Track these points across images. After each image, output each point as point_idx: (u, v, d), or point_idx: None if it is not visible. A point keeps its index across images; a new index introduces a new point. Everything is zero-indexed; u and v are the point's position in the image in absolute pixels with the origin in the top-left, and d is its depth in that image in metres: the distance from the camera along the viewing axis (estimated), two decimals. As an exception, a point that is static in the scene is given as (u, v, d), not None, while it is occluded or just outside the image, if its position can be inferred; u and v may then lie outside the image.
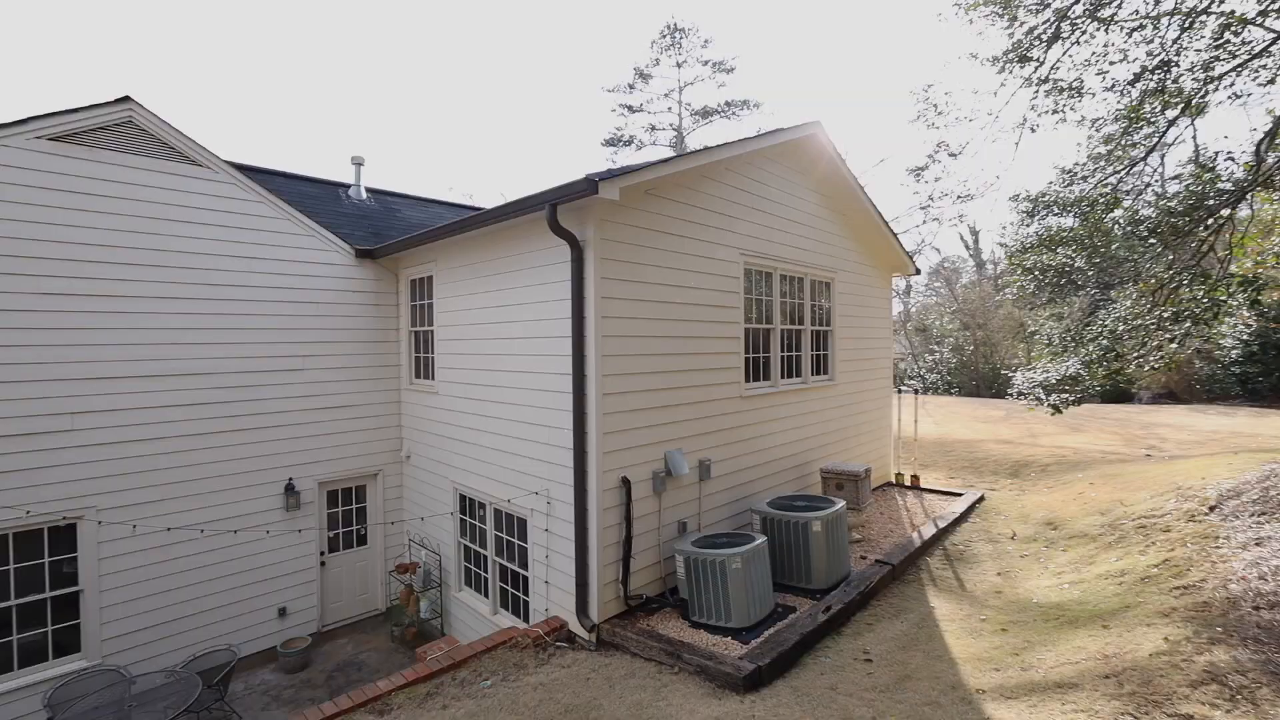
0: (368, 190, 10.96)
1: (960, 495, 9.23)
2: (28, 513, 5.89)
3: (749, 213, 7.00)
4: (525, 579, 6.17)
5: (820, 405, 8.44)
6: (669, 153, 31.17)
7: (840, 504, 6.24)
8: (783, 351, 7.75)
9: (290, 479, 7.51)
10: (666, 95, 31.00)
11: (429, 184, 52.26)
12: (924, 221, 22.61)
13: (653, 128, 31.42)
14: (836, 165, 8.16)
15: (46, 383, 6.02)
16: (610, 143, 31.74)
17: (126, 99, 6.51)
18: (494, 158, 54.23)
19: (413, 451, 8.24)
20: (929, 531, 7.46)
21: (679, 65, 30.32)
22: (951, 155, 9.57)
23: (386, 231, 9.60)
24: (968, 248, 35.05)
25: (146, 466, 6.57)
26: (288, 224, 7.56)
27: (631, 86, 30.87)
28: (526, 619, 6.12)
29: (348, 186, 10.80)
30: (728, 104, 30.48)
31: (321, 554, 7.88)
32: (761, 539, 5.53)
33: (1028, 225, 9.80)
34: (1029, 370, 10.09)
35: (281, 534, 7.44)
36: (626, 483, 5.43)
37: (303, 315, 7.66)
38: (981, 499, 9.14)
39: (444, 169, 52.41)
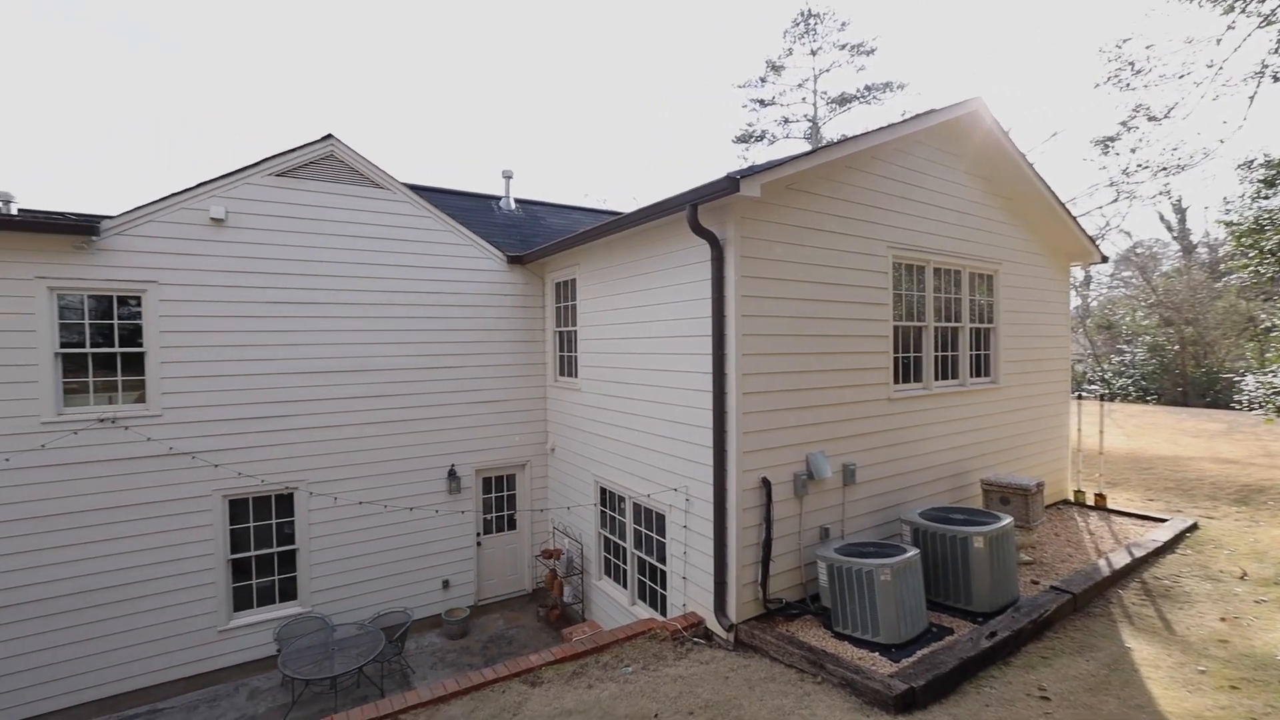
0: (515, 201, 11.87)
1: (1163, 521, 7.83)
2: (262, 481, 7.20)
3: (899, 203, 6.52)
4: (663, 573, 6.30)
5: (981, 410, 7.63)
6: (803, 145, 30.03)
7: (1006, 520, 5.59)
8: (936, 351, 7.13)
9: (452, 465, 8.37)
10: (800, 85, 29.85)
11: (563, 190, 55.34)
12: (1114, 199, 19.22)
13: (785, 120, 30.43)
14: (1001, 144, 7.32)
15: (273, 376, 7.30)
16: (741, 139, 31.26)
17: (329, 137, 7.66)
18: (624, 162, 56.01)
19: (557, 445, 8.78)
20: (1121, 560, 6.42)
21: (813, 53, 29.05)
22: (1153, 119, 8.11)
23: (532, 238, 10.33)
24: (1170, 229, 29.45)
25: (341, 449, 7.70)
26: (451, 235, 8.43)
27: (763, 80, 30.15)
28: (664, 612, 6.25)
29: (498, 198, 11.79)
30: (868, 88, 28.60)
31: (478, 535, 8.69)
32: (913, 551, 5.13)
33: (1266, 197, 8.00)
34: (1266, 374, 8.25)
35: (446, 514, 8.34)
36: (766, 483, 5.33)
37: (462, 317, 8.51)
38: (1193, 527, 7.67)
39: (578, 175, 55.19)
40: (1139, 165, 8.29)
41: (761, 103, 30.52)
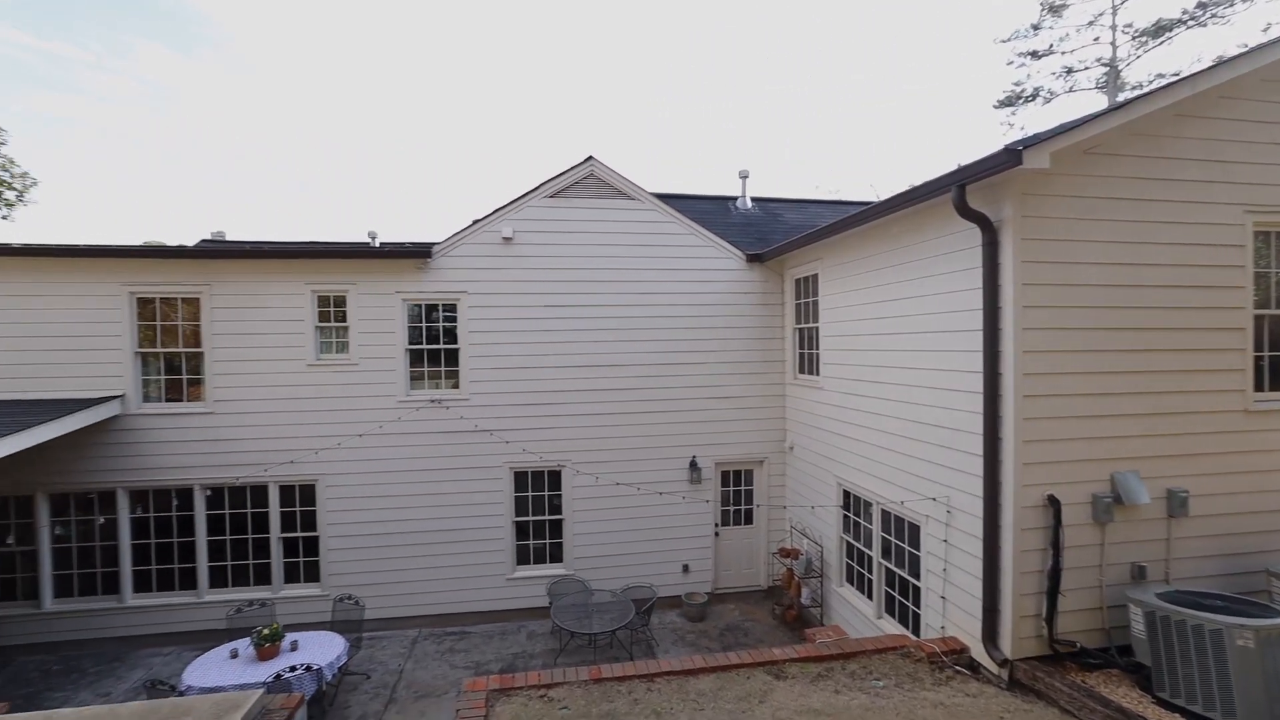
0: (751, 199, 12.00)
1: None
2: (540, 458, 8.55)
3: (1263, 151, 4.93)
4: (916, 589, 5.78)
5: None
6: (1096, 98, 24.49)
7: None
8: (1330, 348, 5.22)
9: (694, 456, 8.85)
10: (1090, 24, 24.29)
11: (793, 184, 53.71)
12: None
13: (1068, 70, 25.04)
14: None
15: (546, 369, 8.61)
16: (1005, 103, 26.65)
17: (590, 159, 8.71)
18: (857, 151, 52.15)
19: (796, 443, 8.66)
20: None
21: (1112, -21, 23.41)
22: None
23: (770, 236, 10.33)
24: None
25: (600, 434, 8.71)
26: (693, 238, 8.90)
27: (1035, 27, 25.24)
28: (916, 631, 5.74)
29: (734, 199, 12.05)
30: (1201, 5, 21.98)
31: (716, 526, 9.04)
32: (1292, 615, 3.86)
33: None
34: None
35: (689, 502, 8.86)
36: (1055, 502, 4.52)
37: (703, 315, 8.93)
38: None
39: (809, 168, 53.09)
40: None
41: (1034, 54, 25.61)
